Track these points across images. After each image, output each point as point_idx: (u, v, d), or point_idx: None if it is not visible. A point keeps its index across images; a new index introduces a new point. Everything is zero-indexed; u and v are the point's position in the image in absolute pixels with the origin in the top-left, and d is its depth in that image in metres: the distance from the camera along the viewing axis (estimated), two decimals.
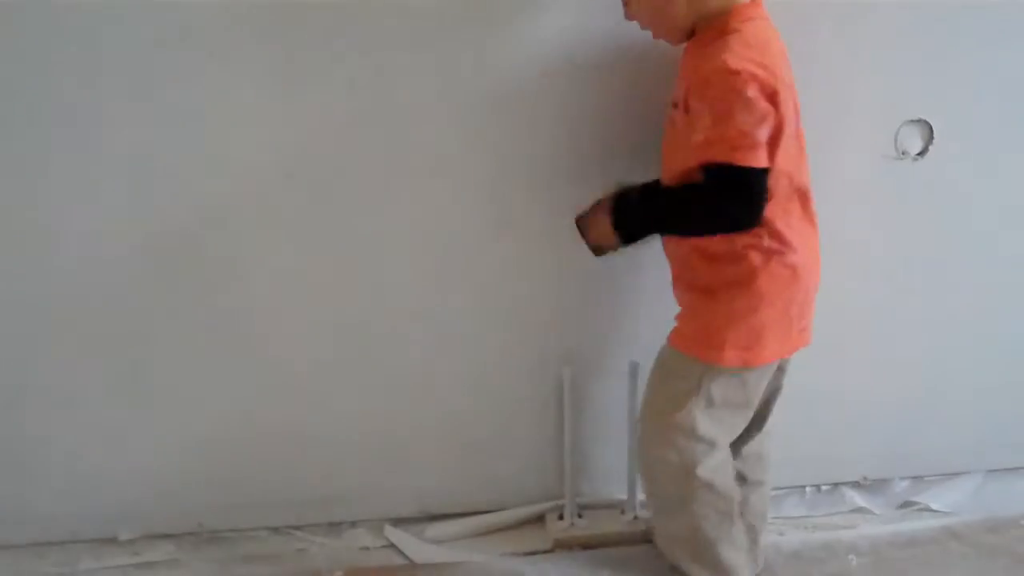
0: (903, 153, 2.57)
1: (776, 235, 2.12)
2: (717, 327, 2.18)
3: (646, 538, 2.65)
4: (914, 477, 2.88)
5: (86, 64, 2.22)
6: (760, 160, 1.99)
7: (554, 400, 2.67)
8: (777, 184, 2.08)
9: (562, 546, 2.65)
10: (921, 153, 2.57)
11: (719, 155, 2.00)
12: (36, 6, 2.17)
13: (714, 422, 2.25)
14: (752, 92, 1.96)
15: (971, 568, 2.57)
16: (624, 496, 2.74)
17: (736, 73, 1.96)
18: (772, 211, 2.09)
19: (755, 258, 2.12)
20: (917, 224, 2.62)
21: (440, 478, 2.72)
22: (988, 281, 2.75)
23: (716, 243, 2.14)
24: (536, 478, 2.75)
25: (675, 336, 2.28)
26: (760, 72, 1.97)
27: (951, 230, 2.64)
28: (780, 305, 2.17)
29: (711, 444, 2.26)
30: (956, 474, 2.97)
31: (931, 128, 2.55)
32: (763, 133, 1.99)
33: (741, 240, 2.12)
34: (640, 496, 2.70)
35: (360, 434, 2.63)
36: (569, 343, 2.63)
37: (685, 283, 2.27)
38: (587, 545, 2.66)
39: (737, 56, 1.98)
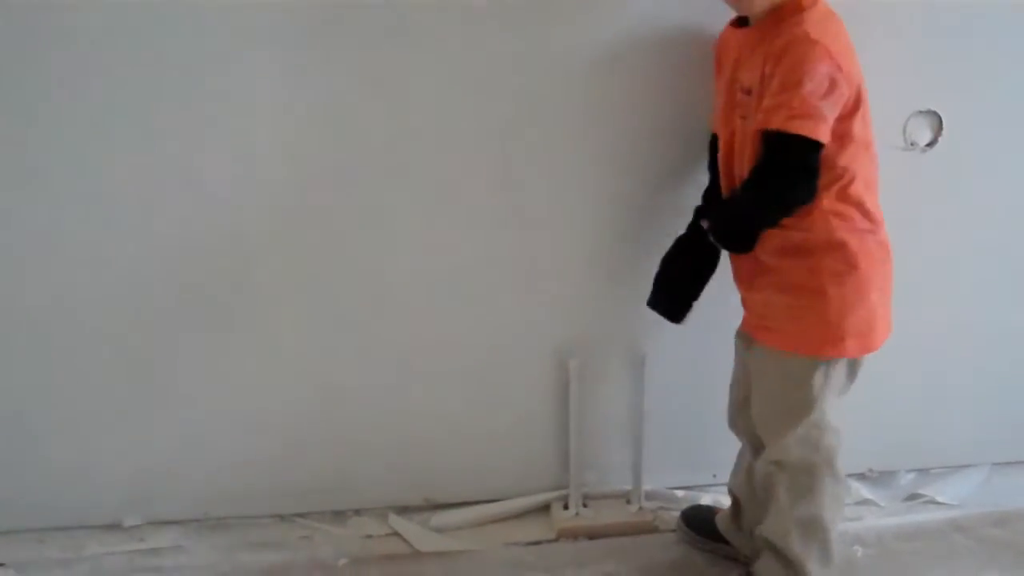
0: (912, 144, 2.56)
1: (867, 214, 2.15)
2: (832, 321, 2.15)
3: (651, 528, 2.67)
4: (920, 470, 2.88)
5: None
6: (818, 133, 2.00)
7: (560, 390, 2.67)
8: (863, 159, 2.12)
9: (567, 536, 2.66)
10: (930, 144, 2.57)
11: (776, 122, 2.01)
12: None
13: (837, 412, 2.26)
14: (825, 66, 1.99)
15: (976, 561, 2.57)
16: (629, 486, 2.74)
17: (815, 43, 2.00)
18: (859, 189, 2.12)
19: (852, 242, 2.13)
20: (925, 215, 2.62)
21: (445, 467, 2.72)
22: (996, 274, 2.75)
23: (810, 236, 2.13)
24: (541, 468, 2.75)
25: (781, 339, 2.22)
26: (833, 47, 2.00)
27: (959, 221, 2.64)
28: (880, 284, 2.19)
29: (838, 432, 2.26)
30: (962, 467, 2.97)
31: (940, 119, 2.54)
32: (829, 107, 2.01)
33: (835, 226, 2.12)
34: (646, 486, 2.70)
35: (365, 423, 2.64)
36: (576, 334, 2.64)
37: (775, 285, 2.22)
38: (592, 535, 2.66)
39: (817, 29, 2.02)
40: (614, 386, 2.70)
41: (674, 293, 2.36)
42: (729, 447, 2.62)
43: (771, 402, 2.28)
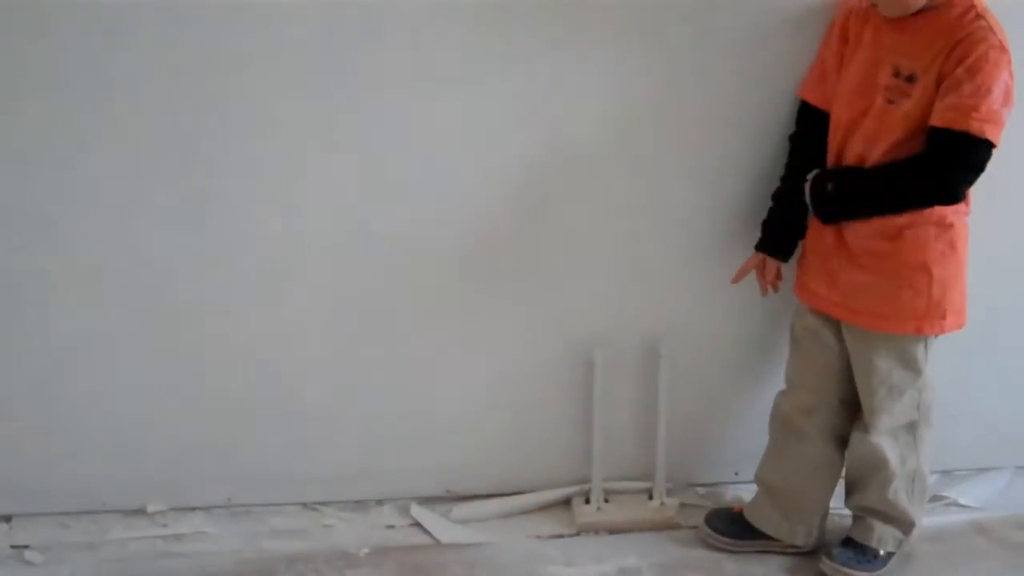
0: None
1: (967, 199, 2.26)
2: (935, 298, 2.27)
3: (673, 524, 2.68)
4: (943, 472, 2.86)
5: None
6: (998, 139, 2.11)
7: (582, 385, 2.67)
8: None
9: (587, 530, 2.66)
10: None
11: (969, 124, 2.09)
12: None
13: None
14: (1007, 75, 2.11)
15: (999, 564, 2.57)
16: (650, 482, 2.74)
17: (1004, 51, 2.11)
18: None
19: (957, 224, 2.27)
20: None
21: (467, 459, 2.72)
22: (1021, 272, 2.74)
23: (918, 218, 2.23)
24: (563, 462, 2.75)
25: (884, 320, 2.32)
26: (1010, 56, 2.12)
27: (983, 218, 2.62)
28: (966, 263, 2.29)
29: (933, 388, 2.43)
30: (986, 469, 2.96)
31: None
32: (1005, 115, 2.11)
33: (946, 210, 2.23)
34: (666, 483, 2.71)
35: (389, 413, 2.64)
36: (598, 328, 2.63)
37: (876, 266, 2.29)
38: (613, 530, 2.67)
39: (1000, 33, 2.11)
40: (635, 381, 2.70)
41: (783, 235, 2.48)
42: (751, 444, 2.64)
43: (879, 381, 2.37)
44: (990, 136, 2.10)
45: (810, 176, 2.33)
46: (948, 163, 2.16)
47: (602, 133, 2.46)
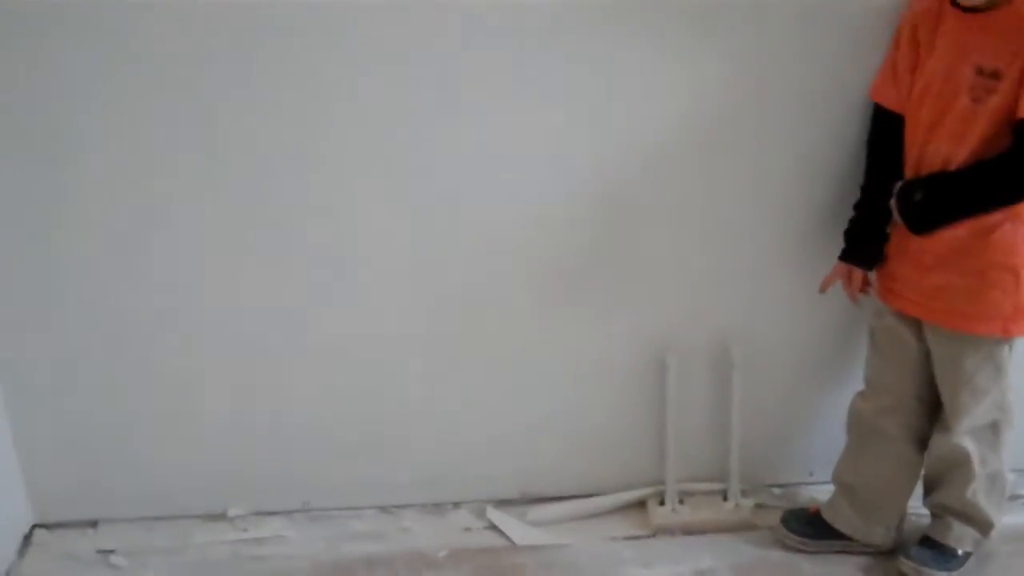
0: None
1: None
2: (1021, 298, 2.25)
3: (748, 525, 2.69)
4: (1021, 470, 2.82)
5: None
6: None
7: (655, 387, 2.68)
8: None
9: (663, 531, 2.67)
10: None
11: None
12: None
13: None
14: None
15: None
16: (725, 484, 2.74)
17: None
18: None
19: None
20: None
21: (543, 462, 2.74)
22: None
23: (1005, 218, 2.21)
24: (638, 463, 2.76)
25: (969, 321, 2.30)
26: None
27: None
28: None
29: (1014, 389, 2.41)
30: None
31: None
32: None
33: None
34: (740, 485, 2.72)
35: (465, 416, 2.67)
36: (671, 330, 2.64)
37: (961, 266, 2.27)
38: (688, 531, 2.67)
39: None
40: (709, 384, 2.70)
41: (867, 244, 2.47)
42: (825, 445, 2.64)
43: (962, 382, 2.36)
44: None
45: (896, 188, 2.31)
46: None
47: (677, 136, 2.46)
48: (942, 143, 2.24)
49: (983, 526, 2.48)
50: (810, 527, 2.59)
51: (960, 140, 2.20)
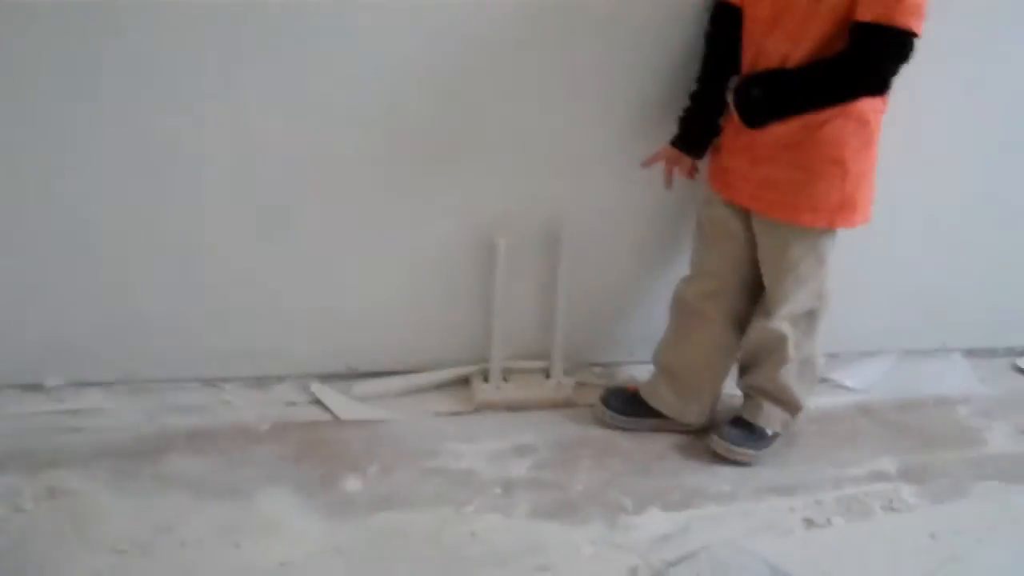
0: None
1: (886, 97, 2.29)
2: (848, 192, 2.32)
3: (569, 403, 2.76)
4: (830, 354, 2.94)
5: None
6: (921, 29, 2.14)
7: (482, 266, 2.69)
8: None
9: (486, 408, 2.72)
10: None
11: (896, 18, 2.12)
12: None
13: None
14: None
15: (879, 444, 2.68)
16: (548, 363, 2.80)
17: None
18: None
19: (873, 120, 2.31)
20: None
21: (369, 337, 2.75)
22: (917, 161, 2.81)
23: (839, 113, 2.26)
24: (464, 341, 2.79)
25: (797, 212, 2.36)
26: None
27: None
28: (876, 160, 2.37)
29: (830, 276, 2.50)
30: (871, 353, 3.08)
31: None
32: (926, 4, 2.14)
33: (865, 107, 2.27)
34: (563, 363, 2.77)
35: (290, 291, 2.64)
36: (503, 212, 2.65)
37: (793, 159, 2.32)
38: (511, 408, 2.72)
39: None
40: (538, 265, 2.73)
41: (700, 134, 2.51)
42: (647, 327, 2.71)
43: (786, 270, 2.44)
44: (915, 28, 2.13)
45: (733, 84, 2.34)
46: (877, 57, 2.19)
47: (511, 25, 2.44)
48: (780, 40, 2.26)
49: (792, 408, 2.59)
50: (628, 405, 2.66)
51: (798, 39, 2.23)
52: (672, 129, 2.52)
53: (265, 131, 2.45)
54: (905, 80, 2.23)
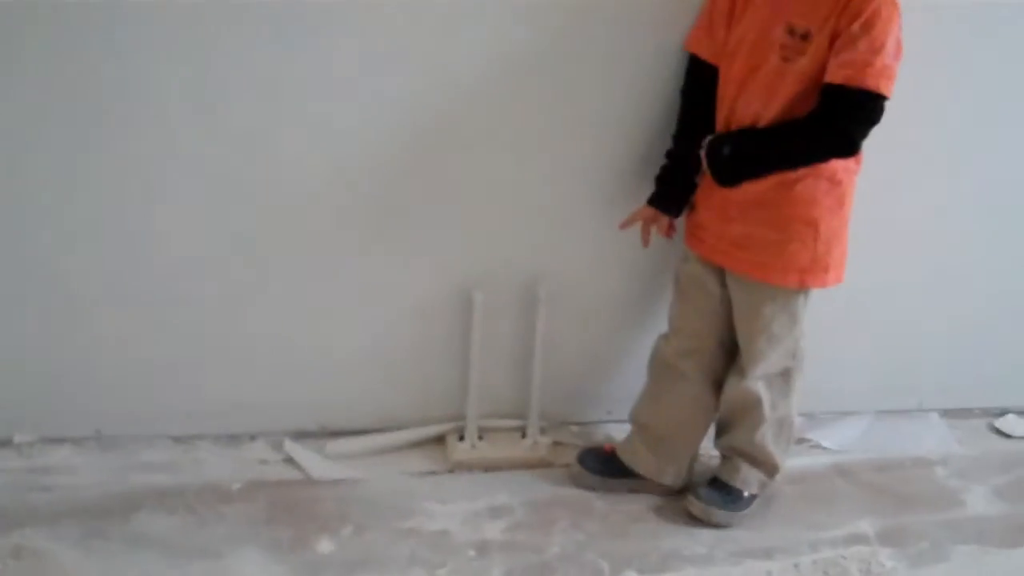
0: None
1: (858, 158, 2.30)
2: (820, 253, 2.33)
3: (545, 463, 2.73)
4: (808, 415, 2.94)
5: None
6: (891, 92, 2.16)
7: (459, 322, 2.67)
8: None
9: (461, 467, 2.68)
10: None
11: (866, 80, 2.14)
12: None
13: None
14: (897, 28, 2.16)
15: (857, 504, 2.66)
16: (524, 421, 2.77)
17: (896, 6, 2.14)
18: None
19: (846, 180, 2.32)
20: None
21: (343, 394, 2.72)
22: (887, 226, 2.81)
23: (812, 172, 2.27)
24: (440, 399, 2.76)
25: (770, 271, 2.36)
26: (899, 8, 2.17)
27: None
28: (849, 220, 2.38)
29: (805, 335, 2.50)
30: (848, 414, 3.07)
31: None
32: (896, 68, 2.16)
33: (837, 166, 2.28)
34: (540, 422, 2.75)
35: (263, 347, 2.62)
36: (480, 266, 2.64)
37: (765, 218, 2.33)
38: (486, 467, 2.69)
39: None
40: (513, 320, 2.71)
41: (676, 192, 2.50)
42: (625, 385, 2.70)
43: (760, 329, 2.43)
44: (884, 91, 2.15)
45: (706, 142, 2.34)
46: (846, 119, 2.20)
47: (488, 76, 2.44)
48: (752, 99, 2.28)
49: (769, 469, 2.57)
50: (605, 466, 2.64)
51: (769, 98, 2.25)
52: (649, 186, 2.52)
53: (239, 183, 2.44)
54: (877, 141, 2.24)
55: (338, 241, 2.55)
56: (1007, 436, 3.10)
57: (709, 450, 2.67)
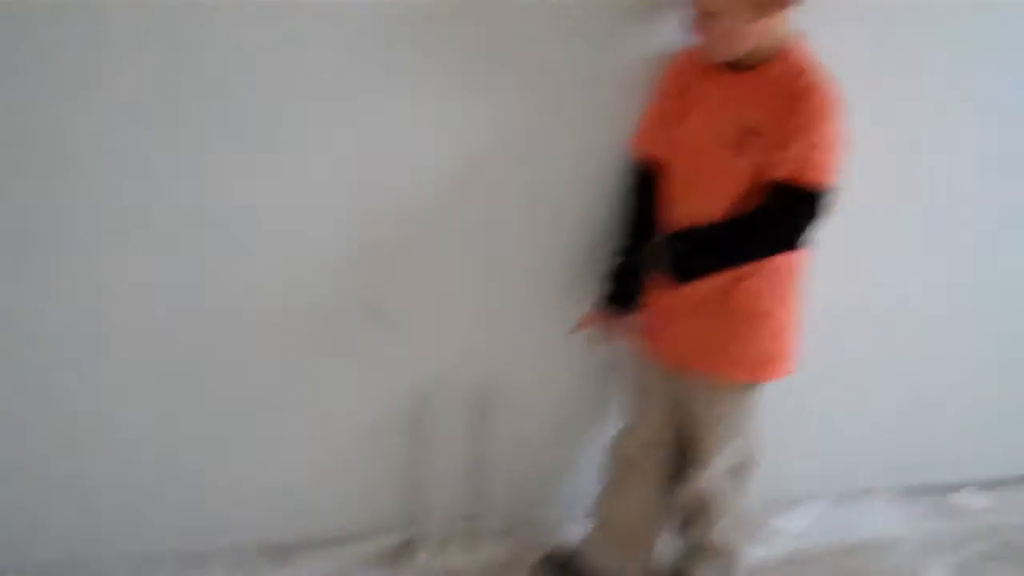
0: None
1: (811, 246, 2.28)
2: (772, 344, 2.33)
3: (501, 569, 2.71)
4: (765, 500, 2.91)
5: None
6: (835, 182, 2.16)
7: (411, 430, 2.66)
8: None
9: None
10: None
11: (806, 175, 2.14)
12: None
13: None
14: (841, 121, 2.15)
15: None
16: (478, 525, 2.78)
17: (837, 100, 2.14)
18: None
19: (796, 268, 2.32)
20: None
21: (291, 507, 2.69)
22: (840, 303, 2.82)
23: (766, 265, 2.26)
24: (392, 509, 2.75)
25: (722, 366, 2.36)
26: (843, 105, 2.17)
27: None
28: (800, 308, 2.37)
29: (761, 424, 2.47)
30: (805, 498, 3.08)
31: None
32: (842, 159, 2.16)
33: (791, 256, 2.27)
34: (496, 525, 2.74)
35: (207, 471, 2.59)
36: (429, 376, 2.62)
37: (716, 311, 2.31)
38: (445, 574, 2.68)
39: (831, 82, 2.15)
40: (465, 423, 2.69)
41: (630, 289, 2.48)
42: (584, 485, 2.71)
43: (712, 425, 2.43)
44: (825, 185, 2.15)
45: (661, 239, 2.32)
46: (793, 214, 2.19)
47: (429, 184, 2.44)
48: (700, 196, 2.28)
49: (730, 562, 2.57)
50: (564, 570, 2.63)
51: (718, 194, 2.25)
52: (594, 286, 2.54)
53: (186, 298, 2.41)
54: (823, 230, 2.24)
55: (282, 352, 2.52)
56: (963, 511, 3.12)
57: (668, 545, 2.66)
